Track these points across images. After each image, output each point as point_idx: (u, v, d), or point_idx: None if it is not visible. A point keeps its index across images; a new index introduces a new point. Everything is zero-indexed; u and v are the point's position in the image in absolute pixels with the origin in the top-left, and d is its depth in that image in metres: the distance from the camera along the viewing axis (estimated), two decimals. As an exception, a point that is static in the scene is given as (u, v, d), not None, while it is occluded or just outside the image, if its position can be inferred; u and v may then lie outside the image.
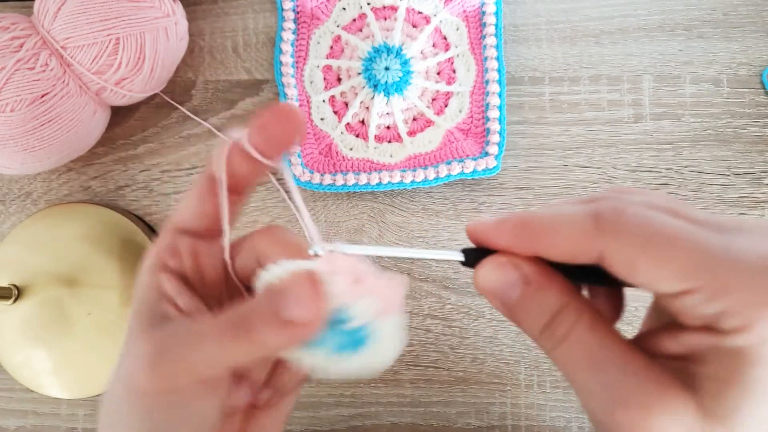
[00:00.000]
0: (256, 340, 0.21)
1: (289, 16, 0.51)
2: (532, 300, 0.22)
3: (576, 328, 0.21)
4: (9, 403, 0.49)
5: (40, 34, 0.42)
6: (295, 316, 0.20)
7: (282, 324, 0.20)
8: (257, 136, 0.23)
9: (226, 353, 0.21)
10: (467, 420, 0.47)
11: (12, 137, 0.42)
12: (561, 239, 0.21)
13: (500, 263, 0.22)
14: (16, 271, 0.47)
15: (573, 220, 0.21)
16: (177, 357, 0.22)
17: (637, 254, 0.19)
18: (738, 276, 0.18)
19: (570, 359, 0.21)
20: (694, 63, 0.50)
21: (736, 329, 0.18)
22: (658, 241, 0.19)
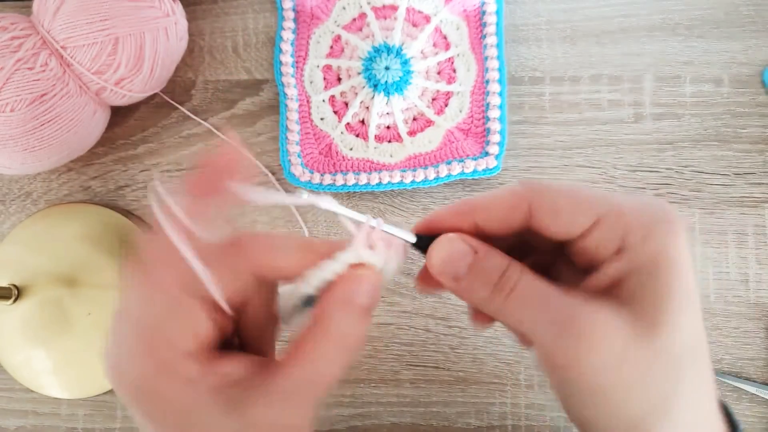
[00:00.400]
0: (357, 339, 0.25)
1: (288, 16, 0.51)
2: (482, 265, 0.25)
3: (522, 278, 0.24)
4: (9, 403, 0.49)
5: (39, 34, 0.42)
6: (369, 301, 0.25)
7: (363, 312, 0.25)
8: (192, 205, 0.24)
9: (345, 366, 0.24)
10: (467, 420, 0.47)
11: (12, 137, 0.42)
12: (497, 206, 0.25)
13: (450, 238, 0.25)
14: (16, 271, 0.47)
15: (504, 191, 0.26)
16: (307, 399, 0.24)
17: (555, 198, 0.24)
18: (631, 207, 0.24)
19: (520, 305, 0.24)
20: (694, 63, 0.50)
21: (638, 242, 0.23)
22: (570, 189, 0.25)
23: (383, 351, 0.48)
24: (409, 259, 0.48)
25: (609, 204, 0.24)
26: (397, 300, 0.48)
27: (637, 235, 0.23)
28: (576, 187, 0.25)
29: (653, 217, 0.23)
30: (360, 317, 0.24)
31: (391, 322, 0.48)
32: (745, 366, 0.47)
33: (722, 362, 0.47)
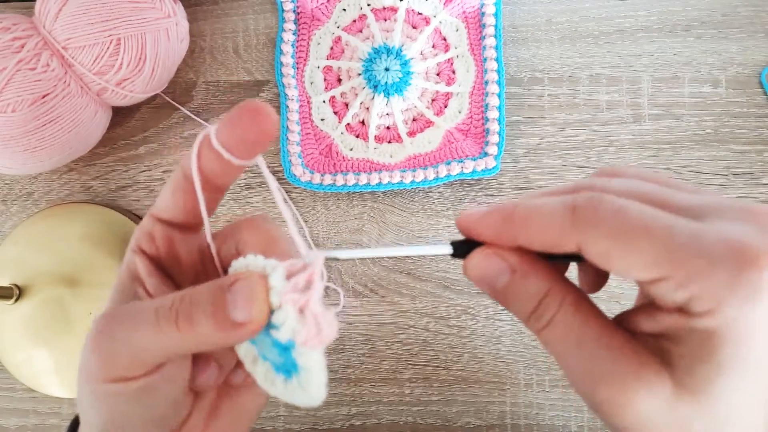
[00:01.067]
0: (194, 330, 0.21)
1: (289, 17, 0.51)
2: (519, 287, 0.23)
3: (560, 312, 0.22)
4: (10, 403, 0.49)
5: (41, 35, 0.42)
6: (238, 316, 0.21)
7: (221, 320, 0.21)
8: (226, 135, 0.22)
9: (164, 339, 0.21)
10: (467, 419, 0.48)
11: (13, 137, 0.42)
12: (540, 233, 0.22)
13: (487, 254, 0.23)
14: (18, 270, 0.47)
15: (551, 214, 0.22)
16: (118, 339, 0.22)
17: (610, 246, 0.20)
18: (702, 265, 0.19)
19: (556, 341, 0.22)
20: (692, 63, 0.50)
21: (703, 312, 0.20)
22: (629, 233, 0.20)
23: (383, 350, 0.48)
24: (408, 258, 0.49)
25: (675, 259, 0.20)
26: (397, 299, 0.49)
27: (705, 305, 0.19)
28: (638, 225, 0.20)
29: (731, 278, 0.19)
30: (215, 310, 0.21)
31: (391, 321, 0.49)
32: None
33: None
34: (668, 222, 0.20)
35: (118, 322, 0.22)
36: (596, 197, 0.21)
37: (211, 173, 0.23)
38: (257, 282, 0.21)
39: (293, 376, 0.22)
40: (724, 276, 0.19)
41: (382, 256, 0.25)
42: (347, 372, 0.48)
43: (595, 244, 0.21)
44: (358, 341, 0.49)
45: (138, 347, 0.22)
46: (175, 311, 0.21)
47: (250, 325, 0.21)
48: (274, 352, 0.23)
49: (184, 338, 0.21)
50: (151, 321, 0.21)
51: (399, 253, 0.25)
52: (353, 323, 0.49)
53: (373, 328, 0.49)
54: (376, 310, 0.49)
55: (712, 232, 0.20)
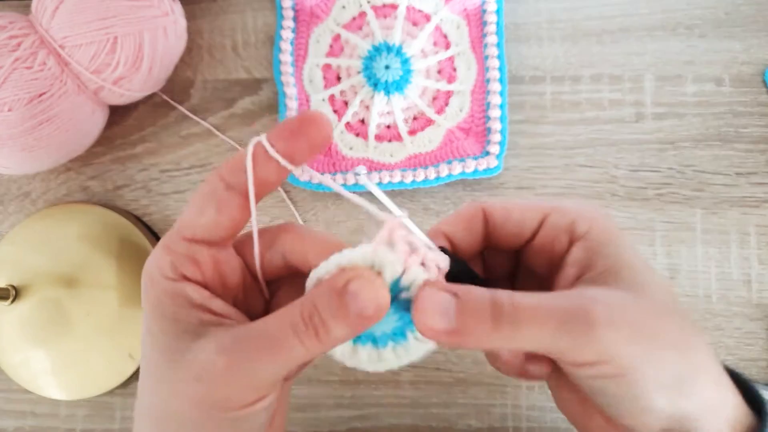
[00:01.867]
0: (329, 335, 0.22)
1: (288, 15, 0.51)
2: (467, 301, 0.23)
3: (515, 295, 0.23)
4: (7, 404, 0.49)
5: (38, 33, 0.42)
6: (363, 309, 0.21)
7: (352, 318, 0.22)
8: (283, 142, 0.23)
9: (304, 353, 0.22)
10: (468, 421, 0.47)
11: (10, 137, 0.42)
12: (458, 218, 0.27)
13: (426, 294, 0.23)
14: (15, 271, 0.47)
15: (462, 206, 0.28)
16: (254, 364, 0.22)
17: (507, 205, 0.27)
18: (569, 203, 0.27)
19: (529, 324, 0.23)
20: (695, 62, 0.49)
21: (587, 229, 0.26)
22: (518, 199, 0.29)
23: (383, 352, 0.48)
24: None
25: (550, 204, 0.26)
26: (398, 300, 0.48)
27: (584, 223, 0.25)
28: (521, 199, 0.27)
29: (589, 208, 0.26)
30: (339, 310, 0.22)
31: (391, 322, 0.48)
32: (747, 367, 0.47)
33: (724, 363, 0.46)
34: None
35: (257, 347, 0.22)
36: None
37: (263, 182, 0.24)
38: (368, 273, 0.22)
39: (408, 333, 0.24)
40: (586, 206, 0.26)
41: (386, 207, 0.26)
42: (347, 374, 0.48)
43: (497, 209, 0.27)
44: (358, 342, 0.48)
45: (279, 367, 0.22)
46: (313, 325, 0.22)
47: (380, 311, 0.22)
48: (390, 319, 0.24)
49: (324, 345, 0.22)
50: (289, 338, 0.22)
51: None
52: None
53: (373, 329, 0.48)
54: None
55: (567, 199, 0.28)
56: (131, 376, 0.47)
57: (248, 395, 0.22)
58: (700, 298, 0.47)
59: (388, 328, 0.24)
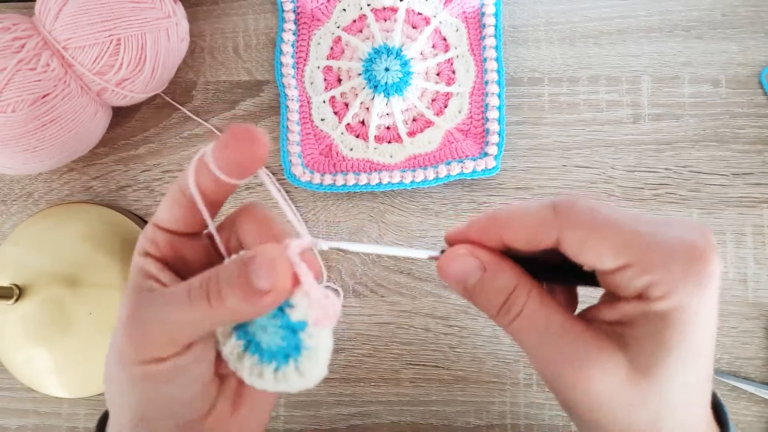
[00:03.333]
0: (223, 303, 0.22)
1: (289, 17, 0.51)
2: (489, 283, 0.25)
3: (528, 303, 0.25)
4: (10, 403, 0.49)
5: (41, 35, 0.42)
6: (262, 285, 0.22)
7: (248, 290, 0.22)
8: (219, 156, 0.23)
9: (196, 315, 0.23)
10: (467, 419, 0.48)
11: (13, 137, 0.42)
12: (524, 227, 0.25)
13: (460, 254, 0.25)
14: (18, 270, 0.47)
15: (535, 210, 0.25)
16: (150, 320, 0.23)
17: (585, 235, 0.24)
18: (661, 255, 0.23)
19: (523, 330, 0.25)
20: (692, 63, 0.50)
21: (659, 297, 0.23)
22: (601, 225, 0.24)
23: (383, 350, 0.48)
24: (409, 259, 0.49)
25: (639, 249, 0.23)
26: (397, 299, 0.49)
27: (662, 288, 0.23)
28: (609, 220, 0.24)
29: (684, 269, 0.23)
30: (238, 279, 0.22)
31: (391, 321, 0.49)
32: (743, 365, 0.47)
33: (721, 362, 0.47)
34: (633, 220, 0.24)
35: (149, 306, 0.24)
36: (573, 198, 0.25)
37: (207, 190, 0.24)
38: (277, 251, 0.22)
39: (290, 361, 0.24)
40: (679, 266, 0.23)
41: (371, 252, 0.26)
42: (347, 372, 0.48)
43: (572, 234, 0.24)
44: (358, 341, 0.49)
45: (171, 326, 0.23)
46: (205, 288, 0.23)
47: (275, 292, 0.22)
48: (276, 336, 0.24)
49: (215, 312, 0.22)
50: (183, 300, 0.23)
51: (388, 252, 0.26)
52: (353, 323, 0.49)
53: (373, 328, 0.49)
54: (376, 310, 0.49)
55: (668, 233, 0.23)
56: (133, 375, 0.47)
57: (145, 350, 0.24)
58: (697, 297, 0.48)
59: (274, 344, 0.24)
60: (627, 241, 0.23)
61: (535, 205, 0.25)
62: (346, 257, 0.49)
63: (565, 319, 0.25)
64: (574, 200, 0.24)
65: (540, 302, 0.25)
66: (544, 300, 0.25)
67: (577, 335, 0.24)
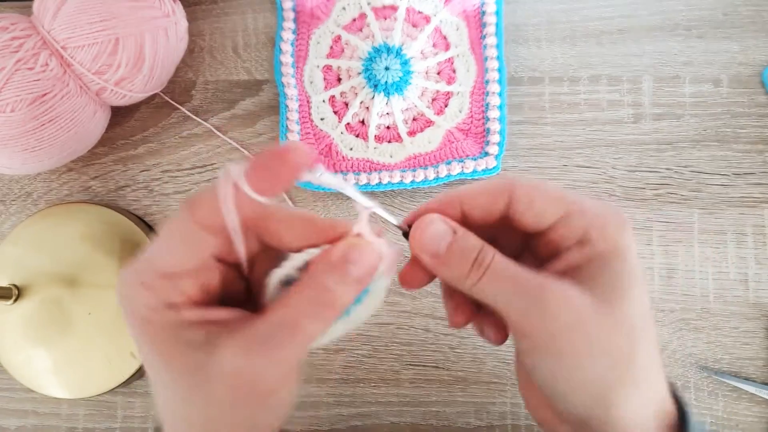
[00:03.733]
0: (339, 302, 0.24)
1: (288, 16, 0.51)
2: (460, 243, 0.27)
3: (496, 256, 0.27)
4: (9, 403, 0.49)
5: (40, 35, 0.42)
6: (364, 273, 0.25)
7: (354, 281, 0.24)
8: (257, 178, 0.23)
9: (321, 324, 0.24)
10: (467, 419, 0.47)
11: (12, 137, 0.42)
12: (482, 194, 0.28)
13: (432, 219, 0.28)
14: (17, 270, 0.47)
15: (489, 181, 0.28)
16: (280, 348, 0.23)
17: (532, 191, 0.27)
18: (592, 206, 0.27)
19: (495, 280, 0.26)
20: (693, 63, 0.50)
21: (597, 238, 0.27)
22: (546, 188, 0.28)
23: (383, 350, 0.48)
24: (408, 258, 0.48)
25: (574, 202, 0.27)
26: (397, 300, 0.49)
27: (597, 230, 0.27)
28: (549, 184, 0.28)
29: (609, 216, 0.27)
30: (344, 278, 0.24)
31: (391, 321, 0.48)
32: (744, 366, 0.47)
33: (722, 362, 0.47)
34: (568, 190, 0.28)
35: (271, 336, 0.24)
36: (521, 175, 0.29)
37: (242, 221, 0.24)
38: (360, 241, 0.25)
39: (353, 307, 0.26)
40: (608, 213, 0.27)
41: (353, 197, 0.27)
42: (347, 372, 0.48)
43: (522, 190, 0.27)
44: (358, 342, 0.48)
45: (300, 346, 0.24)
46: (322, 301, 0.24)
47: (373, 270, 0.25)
48: None
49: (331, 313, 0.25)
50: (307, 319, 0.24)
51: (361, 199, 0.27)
52: (353, 323, 0.49)
53: (373, 328, 0.48)
54: (375, 311, 0.48)
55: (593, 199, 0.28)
56: (132, 375, 0.47)
57: (278, 383, 0.24)
58: (698, 297, 0.48)
59: None
60: (564, 196, 0.28)
61: (488, 179, 0.29)
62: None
63: (529, 268, 0.27)
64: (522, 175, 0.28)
65: (506, 257, 0.27)
66: (508, 257, 0.27)
67: (542, 279, 0.26)
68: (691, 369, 0.47)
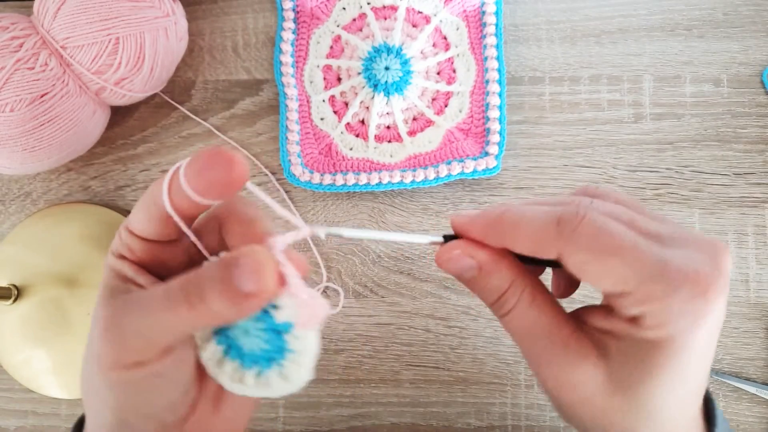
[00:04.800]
0: (205, 307, 0.21)
1: (288, 16, 0.51)
2: (483, 282, 0.26)
3: (517, 305, 0.26)
4: (9, 404, 0.49)
5: (39, 34, 0.42)
6: (246, 287, 0.21)
7: (232, 293, 0.21)
8: (193, 177, 0.22)
9: (176, 319, 0.22)
10: (467, 420, 0.47)
11: (11, 137, 0.42)
12: (526, 239, 0.25)
13: (455, 253, 0.27)
14: (16, 271, 0.47)
15: (538, 222, 0.24)
16: (128, 323, 0.22)
17: (586, 259, 0.23)
18: (662, 287, 0.22)
19: (513, 328, 0.26)
20: (694, 63, 0.50)
21: (651, 326, 0.23)
22: (604, 251, 0.23)
23: (383, 351, 0.48)
24: (408, 258, 0.48)
25: (640, 280, 0.23)
26: (397, 300, 0.48)
27: (656, 320, 0.23)
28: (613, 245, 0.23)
29: (682, 303, 0.22)
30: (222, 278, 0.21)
31: (391, 322, 0.48)
32: (745, 366, 0.47)
33: (722, 362, 0.47)
34: (639, 246, 0.23)
35: (127, 310, 0.23)
36: (580, 213, 0.24)
37: (181, 206, 0.23)
38: (263, 253, 0.21)
39: (274, 365, 0.23)
40: (678, 300, 0.22)
41: (370, 237, 0.26)
42: (347, 373, 0.48)
43: (574, 255, 0.24)
44: (358, 342, 0.48)
45: (149, 330, 0.22)
46: (185, 291, 0.22)
47: (261, 294, 0.21)
48: (259, 339, 0.23)
49: (196, 315, 0.22)
50: (162, 303, 0.22)
51: (390, 238, 0.27)
52: (353, 324, 0.48)
53: (372, 329, 0.48)
54: (376, 311, 0.48)
55: (676, 257, 0.23)
56: (132, 376, 0.47)
57: (123, 355, 0.23)
58: (699, 297, 0.47)
59: (257, 348, 0.24)
60: (628, 271, 0.23)
61: (542, 216, 0.24)
62: (346, 258, 0.49)
63: (552, 322, 0.26)
64: (582, 218, 0.24)
65: (530, 303, 0.26)
66: (536, 301, 0.26)
67: (562, 339, 0.25)
68: (692, 369, 0.47)
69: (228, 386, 0.24)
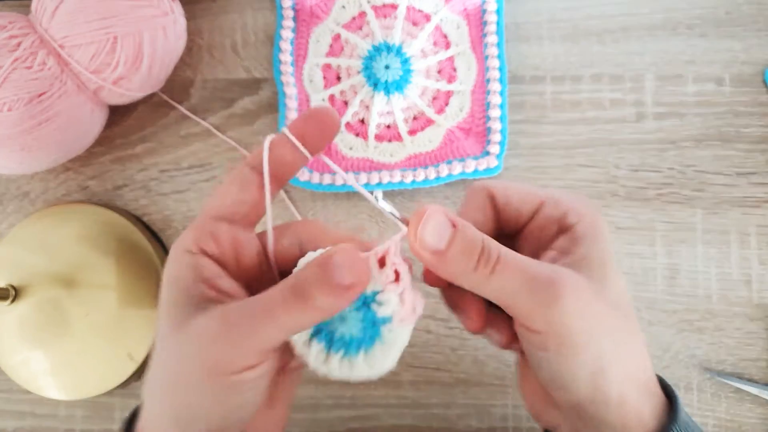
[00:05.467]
0: (312, 303, 0.23)
1: (288, 15, 0.51)
2: (463, 235, 0.26)
3: (502, 249, 0.26)
4: (7, 405, 0.49)
5: (37, 33, 0.42)
6: (345, 280, 0.23)
7: (334, 287, 0.23)
8: (299, 130, 0.27)
9: (290, 319, 0.24)
10: (468, 422, 0.47)
11: (9, 136, 0.41)
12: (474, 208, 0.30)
13: (430, 212, 0.26)
14: (14, 271, 0.47)
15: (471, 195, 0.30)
16: (249, 330, 0.23)
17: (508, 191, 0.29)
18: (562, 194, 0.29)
19: (506, 274, 0.26)
20: (696, 62, 0.49)
21: (576, 222, 0.28)
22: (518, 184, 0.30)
23: (383, 352, 0.48)
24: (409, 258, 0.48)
25: (546, 193, 0.29)
26: (398, 300, 0.48)
27: (574, 216, 0.28)
28: (522, 183, 0.30)
29: (581, 203, 0.29)
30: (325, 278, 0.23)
31: (392, 322, 0.48)
32: (747, 367, 0.47)
33: (725, 363, 0.47)
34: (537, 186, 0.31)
35: (250, 316, 0.24)
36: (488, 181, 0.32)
37: (280, 166, 0.27)
38: (352, 249, 0.24)
39: (361, 351, 0.26)
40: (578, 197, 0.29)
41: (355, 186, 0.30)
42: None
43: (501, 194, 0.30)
44: (358, 343, 0.48)
45: (267, 335, 0.24)
46: (294, 292, 0.24)
47: (358, 284, 0.24)
48: (355, 327, 0.26)
49: (307, 313, 0.24)
50: (280, 306, 0.23)
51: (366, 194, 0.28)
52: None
53: (373, 329, 0.48)
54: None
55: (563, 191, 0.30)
56: (130, 377, 0.47)
57: (240, 359, 0.24)
58: (701, 298, 0.47)
59: (349, 334, 0.26)
60: (534, 189, 0.30)
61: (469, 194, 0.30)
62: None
63: (532, 257, 0.27)
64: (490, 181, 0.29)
65: (507, 247, 0.27)
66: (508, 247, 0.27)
67: (548, 265, 0.27)
68: (694, 370, 0.47)
69: (312, 365, 0.26)
